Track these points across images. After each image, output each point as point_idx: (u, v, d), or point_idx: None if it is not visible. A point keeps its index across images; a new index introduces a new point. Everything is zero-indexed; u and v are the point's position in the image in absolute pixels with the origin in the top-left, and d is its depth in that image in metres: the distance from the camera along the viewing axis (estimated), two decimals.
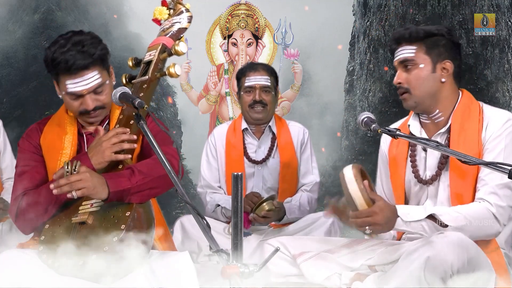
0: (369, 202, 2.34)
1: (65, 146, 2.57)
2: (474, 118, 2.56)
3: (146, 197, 2.35)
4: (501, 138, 2.50)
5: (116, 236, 2.18)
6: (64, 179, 2.25)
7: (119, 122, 2.46)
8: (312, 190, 3.84)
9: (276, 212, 3.60)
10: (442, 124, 2.62)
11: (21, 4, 5.81)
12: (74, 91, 2.48)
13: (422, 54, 2.57)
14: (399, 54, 2.61)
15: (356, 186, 2.34)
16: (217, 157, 3.89)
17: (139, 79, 2.54)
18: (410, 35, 2.58)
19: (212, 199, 3.79)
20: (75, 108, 2.53)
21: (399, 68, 2.62)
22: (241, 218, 1.93)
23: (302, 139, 3.91)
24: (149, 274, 2.23)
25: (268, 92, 3.81)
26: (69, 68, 2.43)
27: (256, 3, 5.95)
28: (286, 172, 3.85)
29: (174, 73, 2.48)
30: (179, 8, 2.67)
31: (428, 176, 2.60)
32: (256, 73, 3.82)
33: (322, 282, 2.51)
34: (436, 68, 2.57)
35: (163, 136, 2.47)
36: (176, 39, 2.60)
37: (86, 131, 2.62)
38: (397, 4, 6.00)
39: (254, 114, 3.81)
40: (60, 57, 2.44)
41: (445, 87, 2.59)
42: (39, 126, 2.65)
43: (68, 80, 2.47)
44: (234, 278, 1.81)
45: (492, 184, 2.45)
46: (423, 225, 2.41)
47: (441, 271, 2.23)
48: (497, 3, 5.94)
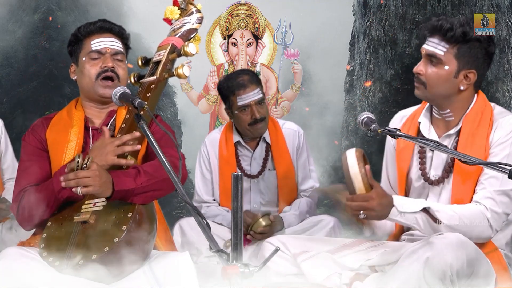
0: (368, 187, 2.36)
1: (71, 139, 2.57)
2: (485, 123, 2.53)
3: (149, 198, 2.35)
4: (506, 144, 2.48)
5: (117, 236, 2.18)
6: (73, 173, 2.25)
7: (126, 121, 2.46)
8: (311, 196, 3.77)
9: (274, 227, 3.54)
10: (453, 125, 2.59)
11: (21, 4, 5.81)
12: (99, 48, 2.60)
13: (451, 56, 2.50)
14: (429, 46, 2.52)
15: (357, 169, 2.36)
16: (210, 169, 3.79)
17: (147, 79, 2.55)
18: (447, 33, 2.48)
19: (206, 213, 3.72)
20: (94, 71, 2.59)
21: (424, 58, 2.55)
22: (241, 217, 1.93)
23: (297, 144, 3.80)
24: (149, 274, 2.23)
25: (262, 104, 3.67)
26: (97, 27, 2.63)
27: (256, 3, 5.95)
28: (284, 184, 3.76)
29: (182, 74, 2.49)
30: (190, 9, 2.69)
31: (433, 176, 2.59)
32: (247, 90, 3.63)
33: (322, 281, 2.51)
34: (459, 74, 2.51)
35: (167, 139, 2.47)
36: (186, 39, 2.61)
37: (93, 126, 2.63)
38: (397, 4, 5.99)
39: (256, 131, 3.69)
40: (88, 24, 2.66)
41: (462, 93, 2.55)
42: (45, 121, 2.66)
43: (93, 40, 2.62)
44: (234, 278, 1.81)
45: (491, 189, 2.45)
46: (417, 217, 2.41)
47: (441, 272, 2.23)
48: (497, 3, 5.94)
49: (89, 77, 2.60)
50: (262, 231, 3.50)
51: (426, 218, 2.41)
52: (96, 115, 2.65)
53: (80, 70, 2.63)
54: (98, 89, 2.58)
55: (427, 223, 2.41)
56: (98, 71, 2.59)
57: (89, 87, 2.61)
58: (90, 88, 2.61)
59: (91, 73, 2.59)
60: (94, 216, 2.28)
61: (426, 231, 2.42)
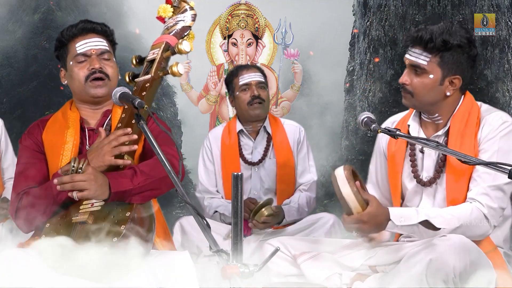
0: (363, 204, 2.34)
1: (67, 140, 2.57)
2: (472, 122, 2.55)
3: (147, 198, 2.35)
4: (495, 139, 2.49)
5: (116, 236, 2.18)
6: (68, 177, 2.25)
7: (121, 121, 2.45)
8: (310, 189, 3.82)
9: (275, 217, 3.60)
10: (441, 126, 2.61)
11: (21, 4, 5.81)
12: (83, 51, 2.59)
13: (435, 66, 2.52)
14: (412, 57, 2.56)
15: (349, 189, 2.33)
16: (213, 160, 3.88)
17: (142, 77, 2.54)
18: (427, 43, 2.51)
19: (210, 204, 3.78)
20: (82, 74, 2.59)
21: (408, 68, 2.58)
22: (241, 218, 1.93)
23: (298, 138, 3.88)
24: (149, 274, 2.23)
25: (263, 88, 3.82)
26: (79, 29, 2.62)
27: (256, 3, 5.95)
28: (283, 173, 3.83)
29: (177, 72, 2.48)
30: (183, 6, 2.67)
31: (425, 177, 2.60)
32: (249, 71, 3.83)
33: (322, 282, 2.51)
34: (444, 81, 2.53)
35: (164, 137, 2.47)
36: (180, 37, 2.60)
37: (89, 127, 2.63)
38: (397, 4, 6.00)
39: (253, 110, 3.79)
40: (70, 27, 2.65)
41: (448, 98, 2.57)
42: (41, 123, 2.66)
43: (77, 43, 2.60)
44: (234, 278, 1.81)
45: (484, 185, 2.45)
46: (414, 229, 2.42)
47: (443, 274, 2.24)
48: (497, 3, 5.94)
49: (79, 81, 2.60)
50: (264, 221, 3.55)
51: (424, 228, 2.41)
52: (91, 115, 2.65)
53: (69, 74, 2.64)
54: (89, 90, 2.59)
55: (426, 230, 2.41)
56: (86, 73, 2.59)
57: (80, 89, 2.61)
58: (81, 91, 2.61)
59: (80, 76, 2.60)
60: (92, 216, 2.28)
61: (426, 237, 2.42)
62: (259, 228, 3.58)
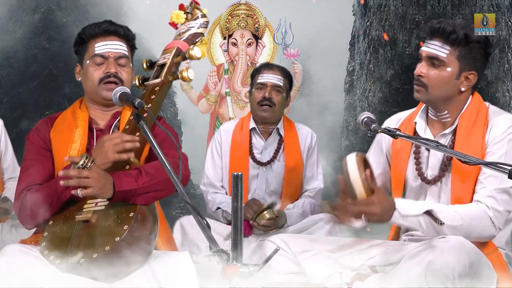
0: (368, 191, 2.36)
1: (75, 139, 2.57)
2: (480, 122, 2.54)
3: (151, 199, 2.35)
4: (503, 142, 2.49)
5: (118, 236, 2.18)
6: (75, 170, 2.25)
7: (129, 123, 2.47)
8: (315, 197, 3.81)
9: (277, 221, 3.59)
10: (449, 125, 2.61)
11: (21, 4, 5.81)
12: (102, 52, 2.59)
13: (453, 58, 2.52)
14: (430, 48, 2.54)
15: (357, 175, 2.35)
16: (221, 154, 3.85)
17: (152, 81, 2.57)
18: (449, 35, 2.50)
19: (213, 199, 3.77)
20: (97, 75, 2.59)
21: (424, 60, 2.56)
22: (241, 218, 1.92)
23: (309, 144, 3.87)
24: (149, 274, 2.23)
25: (279, 92, 3.77)
26: (101, 30, 2.61)
27: (256, 3, 5.95)
28: (291, 177, 3.81)
29: (187, 77, 2.51)
30: (196, 13, 2.72)
31: (430, 175, 2.60)
32: (270, 71, 3.80)
33: (323, 280, 2.51)
34: (460, 76, 2.54)
35: (170, 141, 2.46)
36: (191, 43, 2.64)
37: (97, 127, 2.63)
38: (397, 4, 5.99)
39: (261, 112, 3.76)
40: (93, 26, 2.64)
41: (461, 95, 2.57)
42: (49, 120, 2.66)
43: (97, 43, 2.60)
44: (234, 278, 1.81)
45: (491, 187, 2.45)
46: (419, 220, 2.41)
47: (443, 275, 2.24)
48: (497, 3, 5.94)
49: (92, 81, 2.60)
50: (265, 224, 3.54)
51: (428, 220, 2.41)
52: (101, 116, 2.66)
53: (84, 72, 2.64)
54: (101, 92, 2.59)
55: (430, 224, 2.41)
56: (101, 76, 2.59)
57: (92, 90, 2.62)
58: (93, 91, 2.62)
59: (94, 77, 2.60)
60: (96, 215, 2.28)
61: (429, 233, 2.42)
62: (260, 231, 3.57)
